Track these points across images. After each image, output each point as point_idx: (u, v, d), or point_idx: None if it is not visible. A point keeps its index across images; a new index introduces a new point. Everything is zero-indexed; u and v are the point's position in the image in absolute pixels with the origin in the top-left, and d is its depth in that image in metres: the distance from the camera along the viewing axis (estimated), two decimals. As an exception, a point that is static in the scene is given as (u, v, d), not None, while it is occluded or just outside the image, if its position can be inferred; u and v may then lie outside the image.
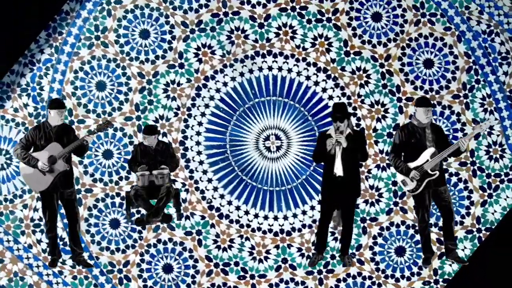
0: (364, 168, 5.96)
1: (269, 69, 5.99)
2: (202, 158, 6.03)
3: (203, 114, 6.02)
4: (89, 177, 6.00)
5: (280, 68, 5.98)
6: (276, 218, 6.04)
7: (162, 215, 5.99)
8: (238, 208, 6.04)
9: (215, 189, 6.04)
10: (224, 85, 6.00)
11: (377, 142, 5.97)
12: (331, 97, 5.97)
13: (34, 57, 5.94)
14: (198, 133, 6.02)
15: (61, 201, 5.91)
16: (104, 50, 5.97)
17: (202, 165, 6.03)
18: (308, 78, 5.98)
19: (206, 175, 6.04)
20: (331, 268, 6.03)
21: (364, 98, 5.97)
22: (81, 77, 5.98)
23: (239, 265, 6.05)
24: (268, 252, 6.05)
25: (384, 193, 5.99)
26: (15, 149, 5.83)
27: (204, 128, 6.02)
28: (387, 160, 5.96)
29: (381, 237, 6.03)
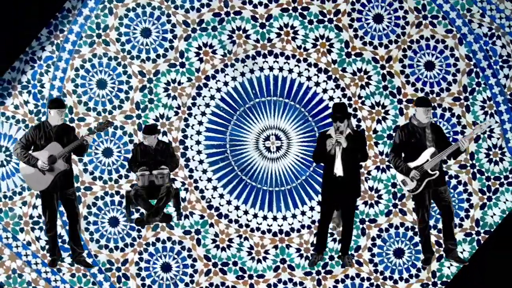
0: (364, 170, 5.96)
1: (270, 69, 5.99)
2: (202, 158, 6.03)
3: (204, 114, 6.02)
4: (89, 175, 6.00)
5: (281, 69, 5.98)
6: (275, 219, 6.04)
7: (162, 215, 5.99)
8: (237, 208, 6.04)
9: (215, 189, 6.04)
10: (225, 85, 6.00)
11: (377, 144, 5.97)
12: (332, 98, 5.97)
13: (35, 54, 5.95)
14: (198, 133, 6.02)
15: (61, 201, 5.91)
16: (105, 48, 5.97)
17: (202, 165, 6.03)
18: (309, 79, 5.98)
19: (206, 175, 6.04)
20: (330, 269, 6.03)
21: (365, 100, 5.97)
22: (82, 75, 5.99)
23: (238, 265, 6.05)
24: (267, 252, 6.05)
25: (384, 195, 5.99)
26: (15, 149, 5.83)
27: (204, 128, 6.02)
28: (387, 162, 5.95)
29: (380, 239, 6.03)
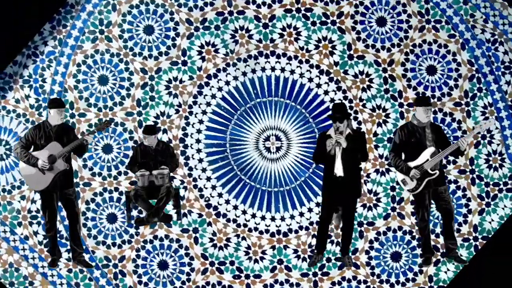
0: (363, 172, 5.96)
1: (272, 70, 5.99)
2: (202, 156, 6.03)
3: (204, 112, 6.01)
4: (88, 171, 6.00)
5: (283, 69, 5.98)
6: (273, 219, 6.04)
7: (162, 215, 5.99)
8: (236, 208, 6.04)
9: (214, 188, 6.04)
10: (227, 84, 6.00)
11: (377, 147, 5.97)
12: (333, 100, 5.97)
13: (38, 49, 5.95)
14: (199, 131, 6.02)
15: (61, 201, 5.92)
16: (108, 45, 5.97)
17: (202, 163, 6.03)
18: (311, 80, 5.98)
19: (205, 173, 6.04)
20: (326, 271, 6.03)
21: (366, 102, 5.97)
22: (84, 71, 5.99)
23: (235, 265, 6.05)
24: (264, 253, 6.05)
25: (382, 198, 5.99)
26: (15, 148, 5.84)
27: (205, 126, 6.02)
28: (387, 165, 5.95)
29: (378, 242, 6.03)
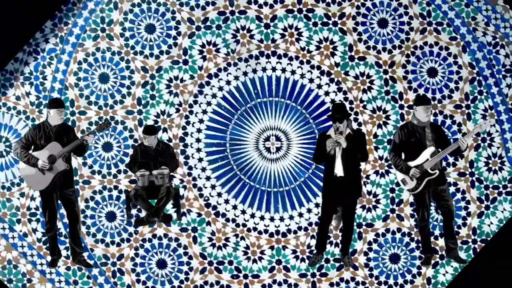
0: (363, 174, 5.96)
1: (273, 70, 5.99)
2: (202, 156, 6.03)
3: (205, 112, 6.02)
4: (88, 169, 6.01)
5: (284, 70, 5.98)
6: (272, 219, 6.04)
7: (162, 215, 5.99)
8: (235, 207, 6.04)
9: (213, 187, 6.04)
10: (227, 84, 6.00)
11: (377, 148, 5.97)
12: (333, 101, 5.97)
13: (39, 46, 5.95)
14: (199, 130, 6.02)
15: (61, 201, 5.92)
16: (109, 43, 5.97)
17: (201, 163, 6.03)
18: (311, 81, 5.98)
19: (205, 173, 6.04)
20: (325, 272, 6.03)
21: (366, 104, 5.97)
22: (85, 69, 5.99)
23: (233, 264, 6.05)
24: (263, 253, 6.05)
25: (382, 200, 5.99)
26: (15, 149, 5.85)
27: (205, 126, 6.02)
28: (386, 166, 5.95)
29: (376, 243, 6.03)
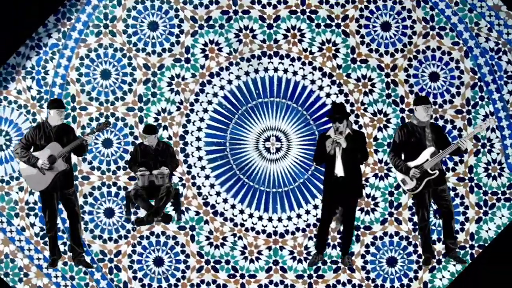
0: (362, 176, 5.95)
1: (275, 71, 5.99)
2: (201, 154, 6.03)
3: (206, 110, 6.02)
4: (87, 165, 6.01)
5: (286, 70, 5.98)
6: (271, 220, 6.04)
7: (162, 215, 5.99)
8: (234, 207, 6.04)
9: (212, 186, 6.04)
10: (229, 83, 6.00)
11: (377, 151, 5.97)
12: (334, 102, 5.97)
13: (41, 41, 5.95)
14: (199, 129, 6.02)
15: (61, 201, 5.93)
16: (112, 39, 5.97)
17: (201, 161, 6.03)
18: (313, 82, 5.98)
19: (204, 171, 6.04)
20: (322, 274, 6.03)
21: (367, 107, 5.97)
22: (87, 64, 5.99)
23: (230, 264, 6.05)
24: (260, 253, 6.05)
25: (380, 203, 5.99)
26: (15, 149, 5.85)
27: (206, 124, 6.02)
28: (385, 168, 5.95)
29: (374, 246, 6.03)
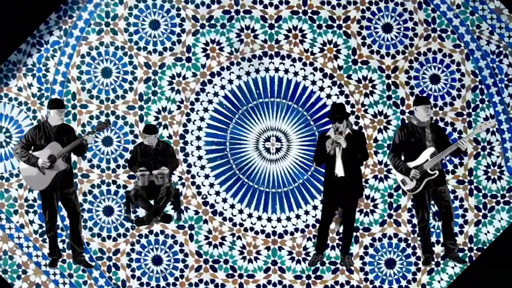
0: (362, 177, 5.95)
1: (276, 71, 5.99)
2: (201, 154, 6.03)
3: (206, 110, 6.02)
4: (87, 162, 6.01)
5: (287, 71, 5.98)
6: (270, 220, 6.04)
7: (162, 215, 5.99)
8: (233, 207, 6.04)
9: (211, 186, 6.04)
10: (230, 83, 6.00)
11: (377, 153, 5.97)
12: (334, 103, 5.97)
13: (43, 38, 5.95)
14: (199, 128, 6.02)
15: (61, 201, 5.93)
16: (113, 37, 5.97)
17: (201, 161, 6.03)
18: (314, 83, 5.98)
19: (204, 171, 6.04)
20: (320, 274, 6.03)
21: (368, 108, 5.97)
22: (88, 62, 5.99)
23: (229, 263, 6.05)
24: (259, 253, 6.05)
25: (379, 204, 5.99)
26: (15, 149, 5.86)
27: (206, 124, 6.02)
28: (385, 169, 5.96)
29: (373, 248, 6.03)
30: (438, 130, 5.83)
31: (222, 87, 6.00)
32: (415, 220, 5.95)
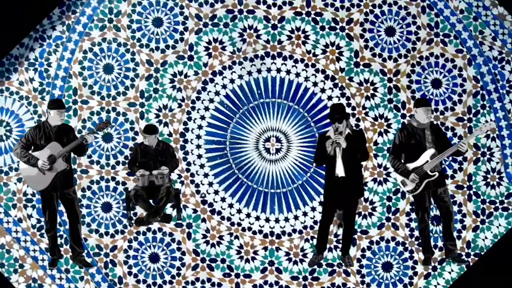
0: (363, 176, 5.95)
1: (277, 71, 5.98)
2: (201, 152, 6.03)
3: (207, 109, 6.02)
4: (86, 158, 6.01)
5: (288, 71, 5.98)
6: (268, 220, 6.04)
7: (162, 215, 5.99)
8: (231, 206, 6.04)
9: (210, 184, 6.04)
10: (231, 82, 6.00)
11: (377, 156, 5.97)
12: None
13: (45, 33, 5.95)
14: (200, 127, 6.02)
15: (61, 201, 5.93)
16: (116, 34, 5.97)
17: (200, 159, 6.03)
18: (315, 85, 5.98)
19: (203, 170, 6.04)
20: (317, 276, 6.03)
21: (369, 111, 5.97)
22: (90, 58, 5.99)
23: (226, 263, 6.05)
24: (256, 253, 6.05)
25: (378, 207, 5.99)
26: (15, 149, 5.86)
27: (206, 123, 6.02)
28: (384, 172, 5.96)
29: (370, 251, 6.03)
30: (438, 132, 5.84)
31: (224, 86, 6.00)
32: (413, 224, 5.95)
